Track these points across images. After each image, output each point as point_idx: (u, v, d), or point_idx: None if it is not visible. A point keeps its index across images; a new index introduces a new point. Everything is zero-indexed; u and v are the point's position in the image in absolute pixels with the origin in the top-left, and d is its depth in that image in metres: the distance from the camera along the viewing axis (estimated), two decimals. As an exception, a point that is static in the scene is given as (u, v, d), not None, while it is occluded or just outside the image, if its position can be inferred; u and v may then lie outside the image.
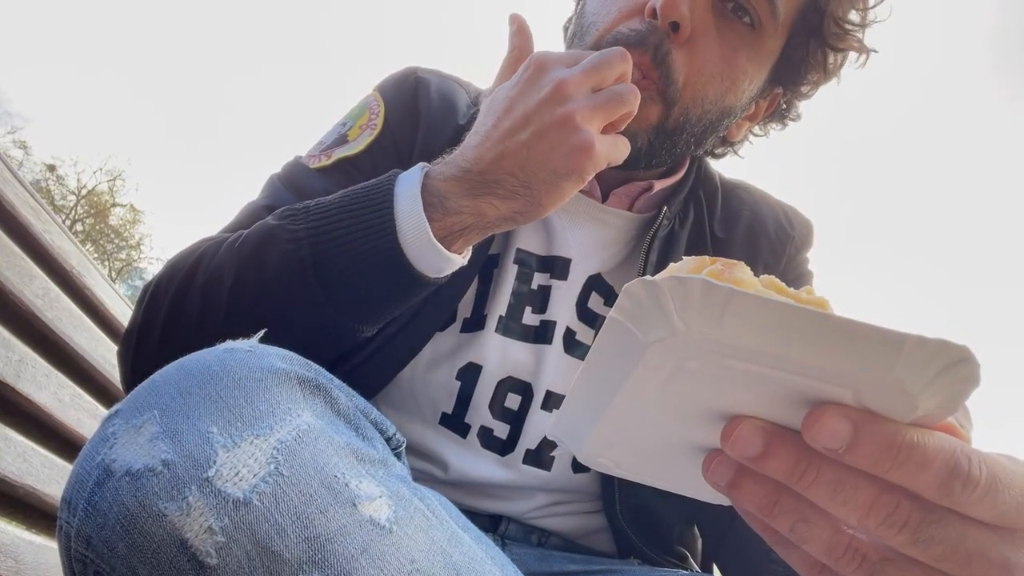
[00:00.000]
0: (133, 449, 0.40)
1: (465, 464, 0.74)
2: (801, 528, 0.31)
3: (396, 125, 0.78)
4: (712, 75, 0.69)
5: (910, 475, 0.28)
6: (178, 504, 0.38)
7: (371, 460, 0.46)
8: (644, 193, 0.81)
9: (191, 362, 0.45)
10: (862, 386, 0.27)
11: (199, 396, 0.42)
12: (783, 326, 0.26)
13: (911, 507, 0.28)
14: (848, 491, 0.29)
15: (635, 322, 0.28)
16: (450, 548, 0.44)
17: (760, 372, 0.28)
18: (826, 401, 0.28)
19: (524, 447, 0.75)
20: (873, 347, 0.25)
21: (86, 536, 0.40)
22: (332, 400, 0.48)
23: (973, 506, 0.28)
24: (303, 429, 0.43)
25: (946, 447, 0.28)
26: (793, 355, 0.26)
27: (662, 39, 0.66)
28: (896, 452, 0.27)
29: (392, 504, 0.43)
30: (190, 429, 0.41)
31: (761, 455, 0.30)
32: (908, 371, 0.26)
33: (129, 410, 0.43)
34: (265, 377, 0.44)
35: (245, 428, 0.41)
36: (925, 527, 0.28)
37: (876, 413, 0.28)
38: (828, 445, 0.28)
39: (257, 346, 0.48)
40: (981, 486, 0.27)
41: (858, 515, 0.29)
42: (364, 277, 0.59)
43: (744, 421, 0.31)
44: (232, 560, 0.38)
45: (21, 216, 1.01)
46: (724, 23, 0.69)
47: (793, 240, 0.85)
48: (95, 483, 0.40)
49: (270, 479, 0.40)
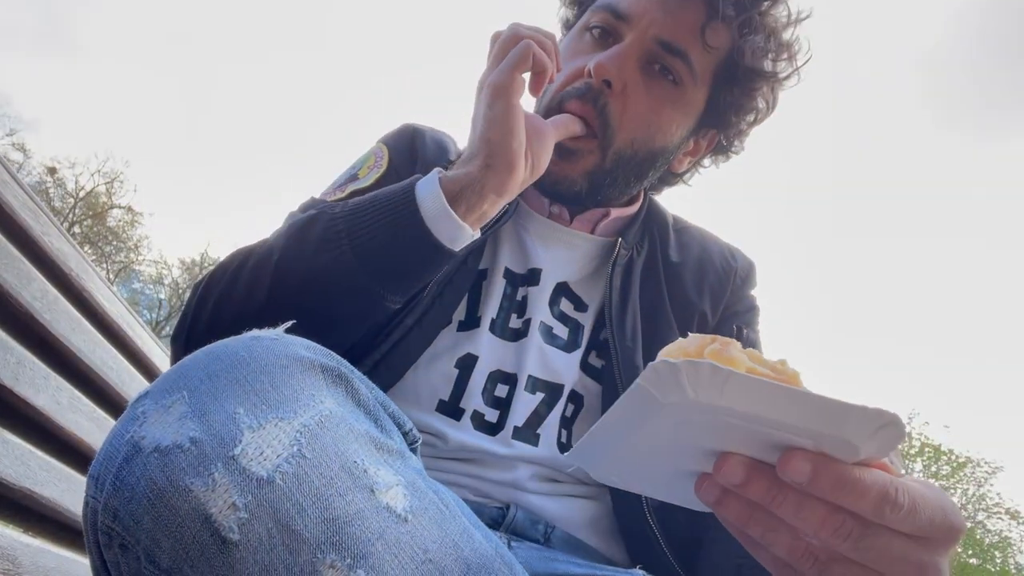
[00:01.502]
0: (162, 427, 0.42)
1: (463, 438, 0.81)
2: (770, 536, 0.42)
3: (399, 164, 0.93)
4: (642, 122, 0.86)
5: (853, 501, 0.39)
6: (204, 480, 0.40)
7: (389, 450, 0.47)
8: (603, 219, 0.97)
9: (219, 348, 0.47)
10: (820, 438, 0.38)
11: (226, 379, 0.44)
12: (766, 398, 0.37)
13: (853, 523, 0.39)
14: (807, 511, 0.39)
15: (657, 389, 0.38)
16: (462, 542, 0.46)
17: (746, 426, 0.38)
18: (793, 447, 0.39)
19: (512, 424, 0.83)
20: (830, 414, 0.37)
21: (113, 509, 0.41)
22: (353, 390, 0.50)
23: (899, 523, 0.39)
24: (325, 415, 0.45)
25: (880, 481, 0.39)
26: (772, 417, 0.37)
27: (600, 93, 0.83)
28: (843, 485, 0.38)
29: (408, 494, 0.45)
30: (218, 410, 0.43)
31: (742, 483, 0.41)
32: (853, 430, 0.37)
33: (159, 391, 0.45)
34: (290, 364, 0.47)
35: (270, 411, 0.43)
36: (863, 538, 0.39)
37: (830, 456, 0.38)
38: (794, 480, 0.39)
39: (282, 335, 0.50)
40: (904, 509, 0.39)
41: (814, 528, 0.40)
42: (391, 247, 0.70)
43: (731, 457, 0.41)
44: (253, 536, 0.39)
45: (20, 218, 1.01)
46: (652, 80, 0.86)
47: (737, 272, 1.01)
48: (124, 459, 0.42)
49: (293, 460, 0.41)
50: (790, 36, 0.90)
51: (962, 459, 22.00)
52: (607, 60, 0.83)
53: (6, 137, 19.56)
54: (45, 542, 1.07)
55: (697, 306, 0.96)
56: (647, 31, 0.85)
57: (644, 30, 0.85)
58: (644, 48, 0.85)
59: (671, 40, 0.85)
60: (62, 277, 1.14)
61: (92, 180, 21.58)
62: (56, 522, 1.11)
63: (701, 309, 0.96)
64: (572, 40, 0.91)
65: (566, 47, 0.91)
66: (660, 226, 1.02)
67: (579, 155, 0.85)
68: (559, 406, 0.87)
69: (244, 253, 0.78)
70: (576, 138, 0.83)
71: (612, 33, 0.87)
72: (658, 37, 0.85)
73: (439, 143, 0.99)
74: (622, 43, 0.85)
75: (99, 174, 21.76)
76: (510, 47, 0.74)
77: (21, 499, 0.99)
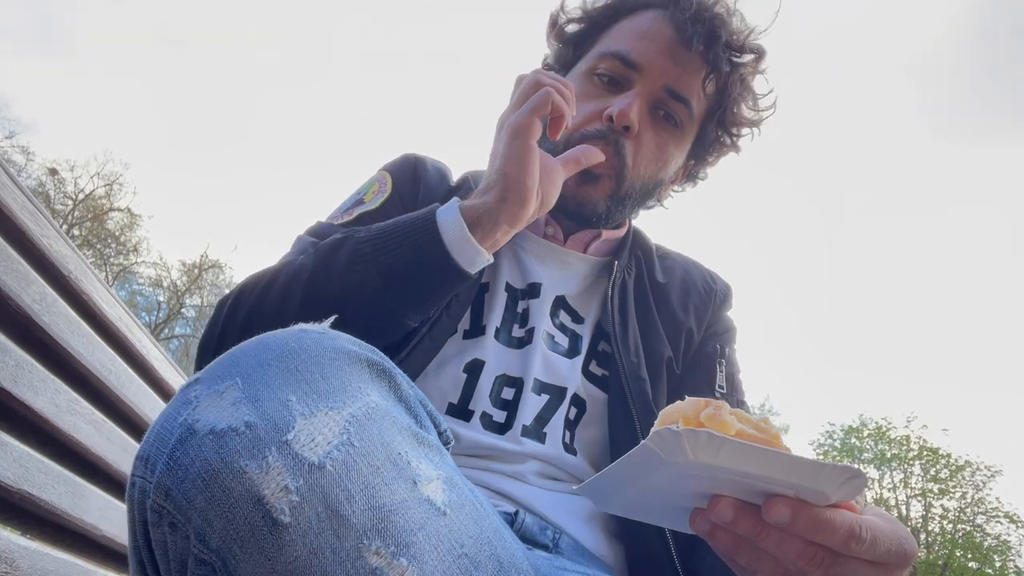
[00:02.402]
0: (216, 411, 0.43)
1: (475, 436, 0.86)
2: (755, 563, 0.50)
3: (402, 190, 1.02)
4: (650, 160, 0.98)
5: (826, 538, 0.47)
6: (258, 463, 0.41)
7: (429, 444, 0.50)
8: (595, 240, 1.07)
9: (270, 338, 0.49)
10: (798, 488, 0.46)
11: (278, 368, 0.46)
12: (754, 460, 0.45)
13: (824, 554, 0.48)
14: (786, 545, 0.48)
15: (662, 450, 0.46)
16: (495, 540, 0.48)
17: (736, 479, 0.46)
18: (775, 494, 0.47)
19: (520, 423, 0.89)
20: (806, 471, 0.45)
21: (165, 488, 0.42)
22: (396, 385, 0.52)
23: (863, 554, 0.48)
24: (371, 407, 0.47)
25: (847, 520, 0.47)
26: (758, 473, 0.45)
27: (619, 137, 0.94)
28: (817, 525, 0.47)
29: (447, 489, 0.47)
30: (270, 396, 0.44)
31: (732, 521, 0.49)
32: (825, 482, 0.45)
33: (211, 378, 0.46)
34: (338, 356, 0.48)
35: (320, 400, 0.45)
36: (833, 565, 0.48)
37: (806, 502, 0.47)
38: (777, 522, 0.47)
39: (328, 329, 0.52)
40: (867, 543, 0.48)
41: (792, 559, 0.48)
42: (414, 269, 0.76)
43: (722, 499, 0.49)
44: (303, 519, 0.40)
45: (19, 220, 1.01)
46: (657, 124, 0.98)
47: (716, 294, 1.11)
48: (178, 440, 0.43)
49: (343, 448, 0.43)
50: (765, 86, 1.04)
51: (961, 462, 22.01)
52: (627, 108, 0.92)
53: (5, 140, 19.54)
54: (43, 545, 1.07)
55: (684, 323, 1.04)
56: (657, 80, 0.95)
57: (655, 79, 0.95)
58: (653, 95, 0.96)
59: (677, 88, 0.96)
60: (61, 279, 1.13)
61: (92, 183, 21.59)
62: (55, 525, 1.11)
63: (688, 326, 1.04)
64: (580, 83, 1.00)
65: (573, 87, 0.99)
66: (645, 250, 1.13)
67: (602, 180, 0.96)
68: (563, 408, 0.92)
69: (271, 273, 0.84)
70: (598, 164, 0.93)
71: (621, 80, 0.96)
72: (667, 85, 0.95)
73: (439, 171, 1.08)
74: (634, 90, 0.95)
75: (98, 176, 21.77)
76: (531, 92, 0.81)
77: (19, 502, 0.99)
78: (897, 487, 23.13)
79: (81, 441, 1.15)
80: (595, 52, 1.00)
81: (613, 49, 0.97)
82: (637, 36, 0.97)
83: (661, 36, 0.96)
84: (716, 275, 1.15)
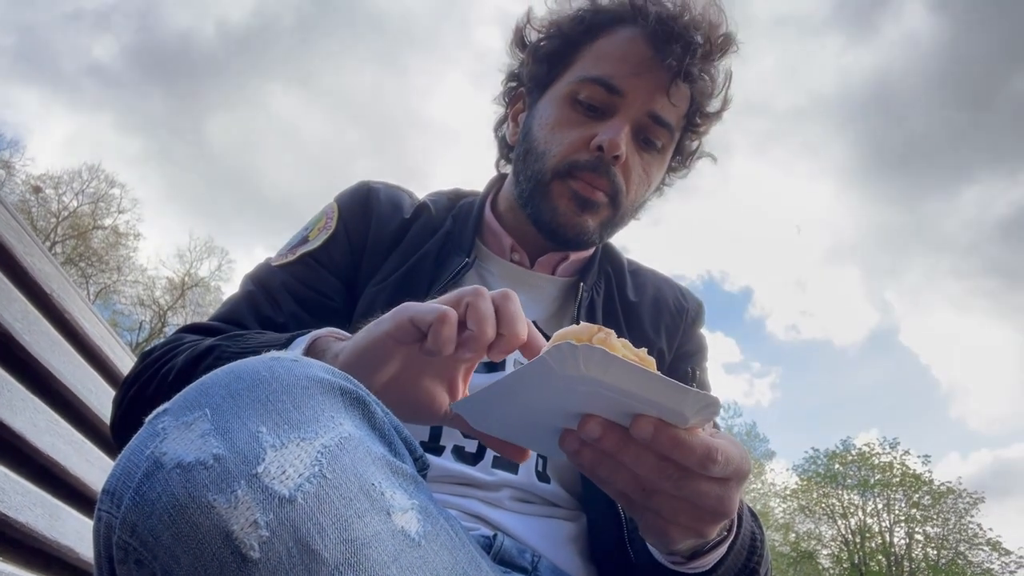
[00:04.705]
0: (184, 444, 0.42)
1: (446, 464, 0.85)
2: (613, 475, 0.56)
3: (350, 223, 1.00)
4: (639, 184, 0.99)
5: (681, 457, 0.53)
6: (227, 497, 0.40)
7: (403, 474, 0.49)
8: (563, 261, 1.06)
9: (240, 367, 0.48)
10: (662, 410, 0.52)
11: (248, 398, 0.45)
12: (635, 378, 0.50)
13: (675, 470, 0.54)
14: (643, 460, 0.53)
15: (557, 363, 0.50)
16: (471, 570, 0.48)
17: (613, 396, 0.51)
18: (642, 414, 0.53)
19: (491, 454, 0.87)
20: (673, 393, 0.50)
21: (131, 524, 0.41)
22: (370, 414, 0.51)
23: (713, 472, 0.54)
24: (344, 437, 0.46)
25: (704, 442, 0.53)
26: (634, 391, 0.50)
27: (609, 166, 0.94)
28: (676, 444, 0.52)
29: (421, 519, 0.47)
30: (240, 428, 0.43)
31: (599, 438, 0.53)
32: (687, 406, 0.51)
33: (179, 408, 0.45)
34: (311, 385, 0.47)
35: (292, 431, 0.44)
36: (682, 479, 0.54)
37: (667, 423, 0.52)
38: (640, 437, 0.52)
39: (301, 357, 0.51)
40: (719, 464, 0.53)
41: (647, 471, 0.54)
42: None
43: (592, 418, 0.54)
44: (274, 555, 0.39)
45: (3, 238, 1.00)
46: (642, 149, 0.98)
47: (688, 312, 1.10)
48: (144, 474, 0.42)
49: (314, 480, 0.42)
50: (726, 72, 1.03)
51: (943, 489, 22.10)
52: (617, 139, 0.93)
53: (-11, 155, 19.40)
54: (18, 568, 1.05)
55: (655, 344, 1.03)
56: (641, 107, 0.95)
57: (639, 106, 0.95)
58: (637, 122, 0.96)
59: (661, 114, 0.96)
60: (43, 298, 1.13)
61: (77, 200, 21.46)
62: (30, 548, 1.09)
63: (659, 346, 1.04)
64: (560, 108, 0.98)
65: (552, 115, 0.98)
66: (616, 267, 1.11)
67: (600, 207, 0.96)
68: None
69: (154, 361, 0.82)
70: (594, 192, 0.95)
71: (603, 107, 0.95)
72: (650, 112, 0.95)
73: (393, 200, 1.05)
74: (620, 118, 0.95)
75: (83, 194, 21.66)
76: (458, 303, 0.63)
77: (-6, 524, 0.97)
78: (880, 513, 23.17)
79: (59, 462, 1.14)
80: (574, 75, 0.98)
81: (594, 75, 0.96)
82: (617, 60, 0.96)
83: (640, 58, 0.95)
84: (688, 293, 1.14)
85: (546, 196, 0.97)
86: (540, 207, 0.98)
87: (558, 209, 0.96)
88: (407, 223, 1.02)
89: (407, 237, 1.01)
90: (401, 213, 1.03)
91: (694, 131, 1.05)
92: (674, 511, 0.57)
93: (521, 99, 1.08)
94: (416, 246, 0.99)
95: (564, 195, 0.96)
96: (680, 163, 1.09)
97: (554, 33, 1.02)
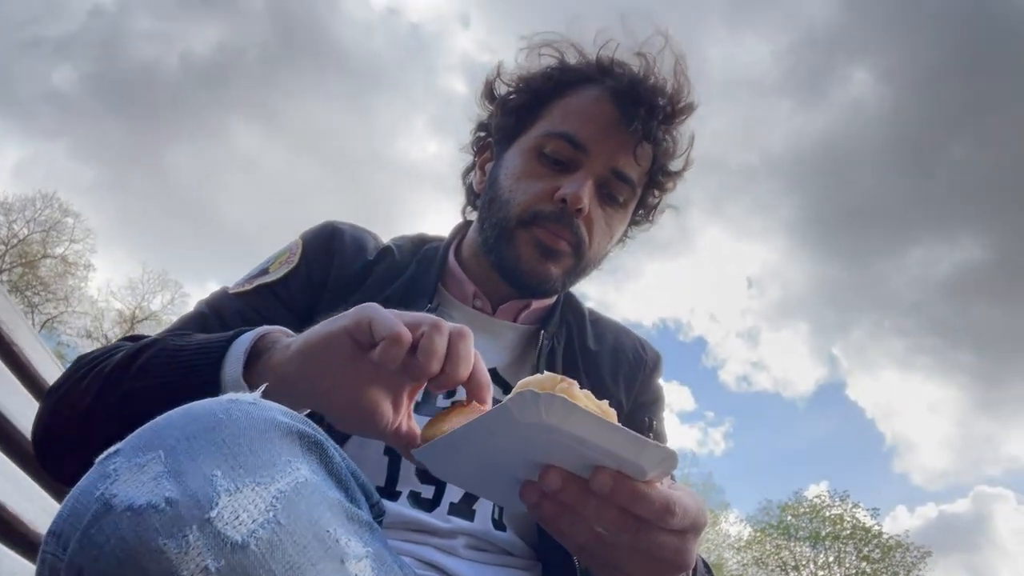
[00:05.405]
0: (136, 486, 0.41)
1: (402, 510, 0.84)
2: (572, 529, 0.56)
3: (312, 261, 0.99)
4: (601, 237, 1.02)
5: (642, 509, 0.54)
6: (178, 542, 0.39)
7: (359, 521, 0.48)
8: (525, 309, 1.07)
9: (197, 408, 0.47)
10: (621, 462, 0.52)
11: (204, 440, 0.44)
12: (594, 428, 0.50)
13: (634, 522, 0.55)
14: (603, 513, 0.54)
15: (518, 411, 0.51)
16: None
17: (573, 446, 0.52)
18: (601, 466, 0.53)
19: (448, 501, 0.87)
20: (632, 446, 0.51)
21: (78, 568, 0.40)
22: (328, 458, 0.50)
23: (672, 525, 0.55)
24: (301, 482, 0.45)
25: (663, 495, 0.54)
26: (594, 442, 0.51)
27: (572, 218, 0.96)
28: (636, 496, 0.53)
29: (375, 567, 0.46)
30: (194, 471, 0.42)
31: (559, 490, 0.54)
32: (646, 459, 0.52)
33: (131, 449, 0.44)
34: (268, 428, 0.47)
35: (247, 475, 0.43)
36: (641, 532, 0.55)
37: (626, 475, 0.53)
38: (599, 490, 0.53)
39: (260, 400, 0.50)
40: (677, 517, 0.54)
41: (606, 524, 0.55)
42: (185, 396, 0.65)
43: (553, 469, 0.54)
44: None
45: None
46: (605, 203, 1.01)
47: (646, 363, 1.11)
48: (93, 516, 0.41)
49: (268, 526, 0.41)
50: (689, 136, 1.07)
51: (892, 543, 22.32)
52: (580, 192, 0.95)
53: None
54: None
55: (614, 394, 1.03)
56: (605, 163, 0.98)
57: (602, 162, 0.98)
58: (600, 176, 0.98)
59: (623, 170, 0.99)
60: (-8, 330, 1.10)
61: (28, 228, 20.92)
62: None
63: (617, 397, 1.03)
64: (526, 160, 1.00)
65: (518, 165, 1.00)
66: (577, 316, 1.13)
67: (561, 256, 0.98)
68: None
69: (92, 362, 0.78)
70: (557, 241, 0.97)
71: (568, 162, 0.98)
72: (613, 168, 0.98)
73: (358, 242, 1.04)
74: (583, 172, 0.97)
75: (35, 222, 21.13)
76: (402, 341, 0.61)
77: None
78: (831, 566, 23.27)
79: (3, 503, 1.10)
80: (541, 130, 1.00)
81: (560, 130, 0.98)
82: (583, 117, 0.98)
83: (605, 116, 0.98)
84: (647, 343, 1.16)
85: (510, 243, 0.98)
86: (504, 254, 0.99)
87: (521, 256, 0.98)
88: (370, 265, 1.02)
89: (370, 279, 1.01)
90: (365, 255, 1.03)
91: (657, 188, 1.08)
92: (632, 563, 0.58)
93: (489, 149, 1.10)
94: (379, 289, 0.99)
95: (528, 243, 0.97)
96: (643, 216, 1.12)
97: (523, 88, 1.05)
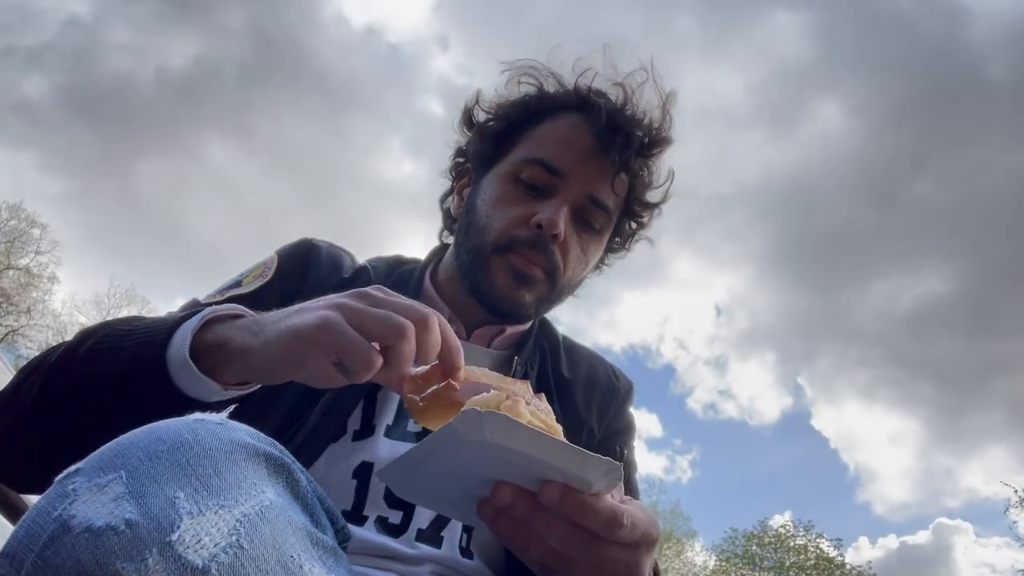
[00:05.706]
0: (95, 507, 0.40)
1: (368, 536, 0.83)
2: (527, 543, 0.58)
3: (287, 276, 0.98)
4: (576, 263, 1.02)
5: (588, 522, 0.55)
6: (136, 566, 0.38)
7: (324, 546, 0.48)
8: (499, 335, 1.07)
9: (162, 428, 0.46)
10: (568, 476, 0.54)
11: (168, 461, 0.43)
12: (537, 444, 0.52)
13: (585, 536, 0.56)
14: (554, 527, 0.56)
15: (463, 428, 0.51)
16: None
17: (520, 462, 0.53)
18: (550, 480, 0.54)
19: (416, 527, 0.86)
20: (575, 460, 0.53)
21: None
22: (294, 482, 0.50)
23: (621, 538, 0.56)
24: (265, 505, 0.44)
25: (610, 507, 0.55)
26: (538, 457, 0.52)
27: (547, 243, 0.97)
28: (582, 508, 0.55)
29: None
30: (156, 492, 0.41)
31: (510, 504, 0.55)
32: (590, 472, 0.53)
33: (92, 469, 0.43)
34: (234, 450, 0.46)
35: (211, 497, 0.42)
36: (592, 545, 0.57)
37: (574, 488, 0.54)
38: (548, 504, 0.54)
39: (227, 420, 0.49)
40: (626, 529, 0.55)
41: (558, 538, 0.56)
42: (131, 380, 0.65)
43: (504, 485, 0.56)
44: None
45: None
46: (581, 229, 1.01)
47: (619, 392, 1.13)
48: (49, 537, 0.39)
49: (230, 550, 0.40)
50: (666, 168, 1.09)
51: (855, 574, 22.45)
52: (556, 217, 0.95)
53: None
54: None
55: (586, 422, 1.04)
56: (581, 189, 0.98)
57: (578, 188, 0.98)
58: (576, 203, 0.99)
59: (598, 196, 0.99)
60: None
61: (-11, 238, 20.47)
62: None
63: (589, 425, 1.04)
64: (503, 185, 1.01)
65: (495, 191, 1.01)
66: (552, 343, 1.13)
67: (537, 283, 0.99)
68: None
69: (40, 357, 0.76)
70: (531, 267, 0.97)
71: (543, 187, 0.99)
72: (588, 193, 0.99)
73: (334, 260, 1.04)
74: (558, 198, 0.98)
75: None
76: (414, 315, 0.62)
77: None
78: (795, 597, 23.33)
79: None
80: (518, 156, 1.01)
81: (536, 156, 0.99)
82: (560, 144, 0.99)
83: (581, 144, 0.99)
84: (620, 372, 1.17)
85: (485, 269, 0.98)
86: (479, 279, 0.99)
87: (496, 283, 0.98)
88: (346, 283, 1.01)
89: None
90: (340, 273, 1.02)
91: (632, 217, 1.09)
92: None
93: (467, 174, 1.10)
94: None
95: (503, 269, 0.98)
96: (619, 244, 1.13)
97: (501, 115, 1.06)
